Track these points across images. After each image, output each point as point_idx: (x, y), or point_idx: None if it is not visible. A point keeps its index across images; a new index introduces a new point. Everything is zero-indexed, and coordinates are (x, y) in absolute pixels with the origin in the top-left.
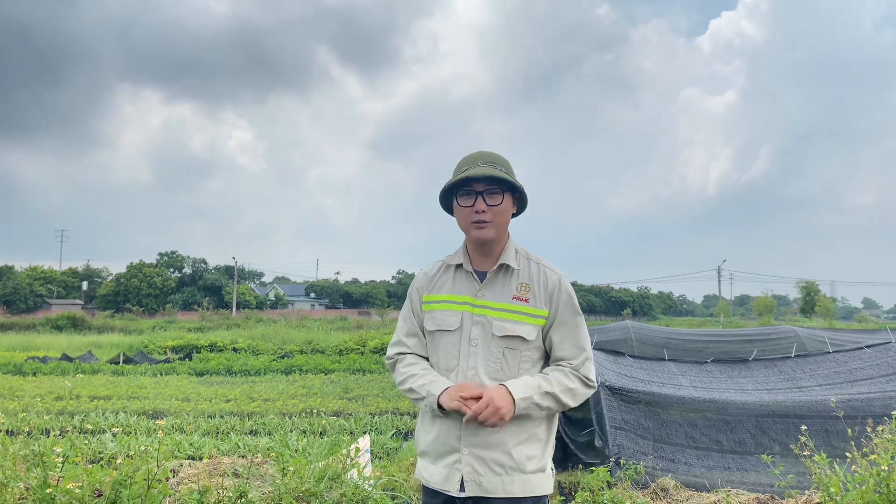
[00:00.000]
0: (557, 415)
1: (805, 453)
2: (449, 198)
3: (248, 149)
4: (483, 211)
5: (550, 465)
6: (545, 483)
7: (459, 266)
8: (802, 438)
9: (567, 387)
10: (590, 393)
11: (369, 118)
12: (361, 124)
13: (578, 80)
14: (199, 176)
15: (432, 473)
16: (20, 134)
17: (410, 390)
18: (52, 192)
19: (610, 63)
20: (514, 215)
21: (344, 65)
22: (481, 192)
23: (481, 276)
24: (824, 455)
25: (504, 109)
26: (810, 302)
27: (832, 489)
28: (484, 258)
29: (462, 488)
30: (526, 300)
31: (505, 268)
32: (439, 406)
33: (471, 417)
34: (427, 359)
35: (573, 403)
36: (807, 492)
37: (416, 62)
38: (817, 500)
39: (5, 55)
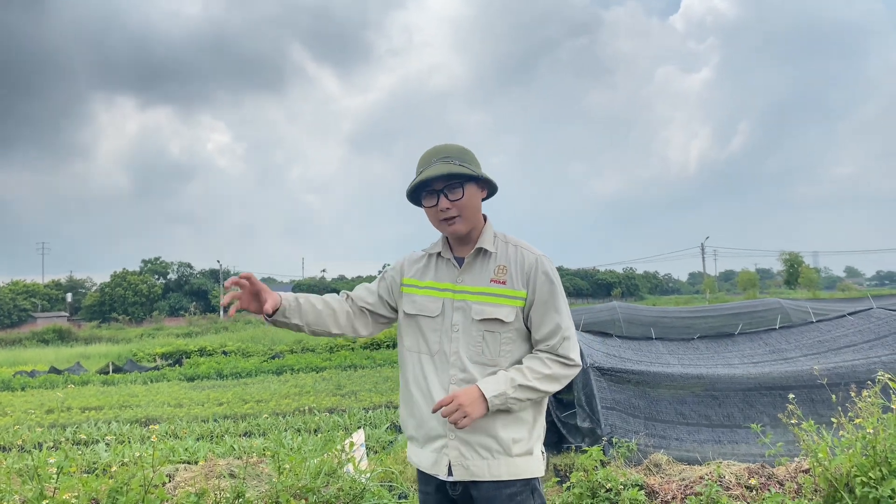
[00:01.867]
0: (546, 398)
1: (793, 421)
2: (416, 196)
3: (227, 151)
4: (448, 208)
5: (540, 447)
6: (534, 466)
7: (441, 254)
8: (790, 407)
9: (543, 374)
10: (573, 373)
11: (347, 114)
12: (340, 120)
13: (554, 66)
14: (179, 181)
15: (421, 458)
16: None
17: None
18: (31, 205)
19: (585, 47)
20: (485, 198)
21: (319, 62)
22: (441, 189)
23: (461, 262)
24: (812, 422)
25: (481, 98)
26: (794, 274)
27: (820, 454)
28: (463, 245)
29: (450, 472)
30: (503, 282)
31: (483, 252)
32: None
33: (435, 409)
34: (366, 310)
35: (554, 388)
36: (796, 459)
37: (391, 55)
38: (806, 466)
39: None
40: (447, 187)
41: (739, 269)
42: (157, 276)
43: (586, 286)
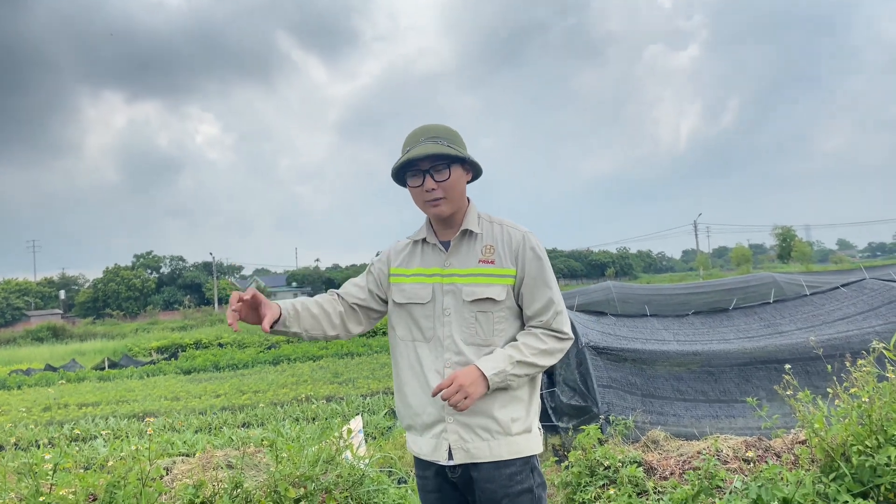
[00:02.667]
0: (540, 375)
1: (788, 392)
2: (402, 178)
3: (216, 143)
4: (433, 189)
5: (537, 424)
6: (533, 443)
7: (426, 240)
8: (787, 377)
9: (539, 349)
10: (567, 346)
11: (335, 101)
12: (328, 108)
13: (543, 47)
14: (168, 174)
15: (421, 446)
16: None
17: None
18: (19, 203)
19: (573, 27)
20: (470, 181)
21: (305, 49)
22: (427, 169)
23: (447, 245)
24: (808, 392)
25: (471, 81)
26: (787, 248)
27: (816, 425)
28: (448, 229)
29: (450, 457)
30: (492, 261)
31: (468, 234)
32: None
33: (435, 392)
34: (357, 307)
35: (549, 363)
36: (793, 430)
37: (377, 40)
38: (803, 437)
39: None
40: (433, 168)
41: (733, 246)
42: (149, 271)
43: (580, 267)
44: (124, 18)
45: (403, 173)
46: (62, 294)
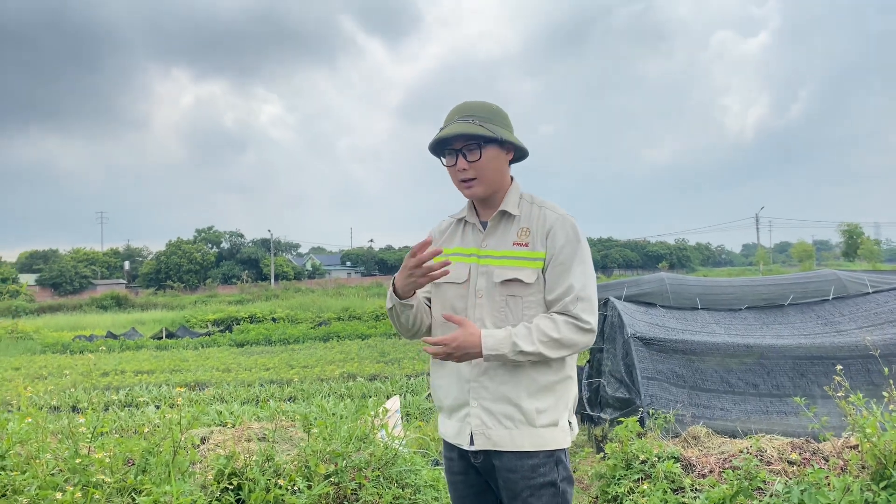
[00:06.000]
0: (575, 366)
1: (839, 394)
2: (440, 152)
3: (279, 122)
4: (465, 169)
5: (569, 418)
6: (559, 437)
7: (466, 220)
8: (837, 378)
9: (551, 337)
10: (587, 339)
11: (396, 84)
12: (388, 90)
13: (608, 33)
14: (232, 151)
15: (447, 428)
16: (56, 120)
17: (388, 310)
18: (90, 176)
19: (640, 13)
20: (512, 161)
21: (368, 32)
22: (460, 149)
23: (486, 226)
24: (860, 395)
25: (532, 66)
26: (853, 245)
27: (868, 430)
28: (488, 209)
29: (472, 442)
30: (526, 244)
31: (506, 215)
32: (398, 294)
33: (431, 340)
34: (426, 299)
35: (561, 354)
36: (844, 434)
37: (440, 24)
38: (854, 442)
39: (39, 44)
40: (465, 147)
41: (795, 241)
42: (210, 245)
43: (636, 258)
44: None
45: (441, 151)
46: (126, 265)
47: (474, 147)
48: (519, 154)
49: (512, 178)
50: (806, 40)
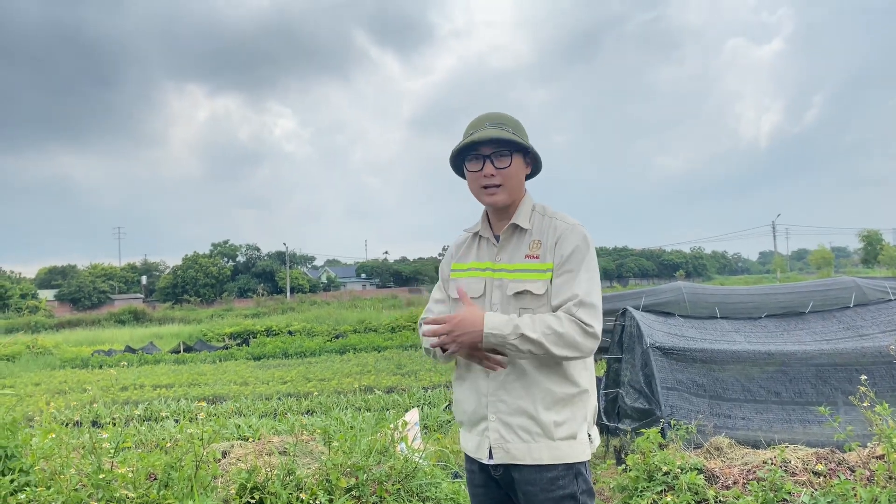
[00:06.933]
0: (593, 379)
1: (864, 404)
2: (460, 162)
3: (293, 136)
4: (492, 175)
5: (588, 431)
6: (578, 450)
7: (481, 234)
8: (862, 389)
9: (554, 330)
10: (590, 344)
11: (409, 96)
12: (402, 103)
13: (620, 41)
14: (247, 166)
15: (468, 441)
16: (73, 136)
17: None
18: (107, 192)
19: (652, 21)
20: (529, 176)
21: (381, 45)
22: (489, 155)
23: (500, 239)
24: (886, 405)
25: (545, 76)
26: (872, 252)
27: (895, 440)
28: (502, 221)
29: (491, 455)
30: (537, 257)
31: (517, 228)
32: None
33: (430, 321)
34: None
35: (562, 353)
36: (870, 444)
37: (453, 36)
38: (881, 452)
39: (55, 60)
40: (495, 153)
41: (813, 248)
42: (226, 259)
43: (652, 267)
44: (209, 14)
45: (463, 158)
46: (144, 279)
47: (505, 154)
48: (534, 169)
49: (525, 190)
50: (819, 46)
